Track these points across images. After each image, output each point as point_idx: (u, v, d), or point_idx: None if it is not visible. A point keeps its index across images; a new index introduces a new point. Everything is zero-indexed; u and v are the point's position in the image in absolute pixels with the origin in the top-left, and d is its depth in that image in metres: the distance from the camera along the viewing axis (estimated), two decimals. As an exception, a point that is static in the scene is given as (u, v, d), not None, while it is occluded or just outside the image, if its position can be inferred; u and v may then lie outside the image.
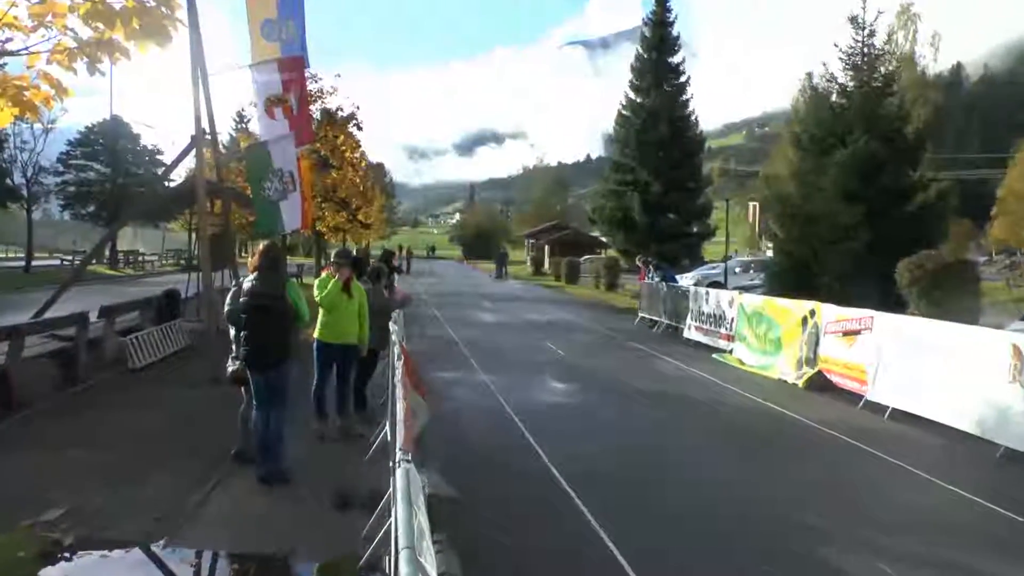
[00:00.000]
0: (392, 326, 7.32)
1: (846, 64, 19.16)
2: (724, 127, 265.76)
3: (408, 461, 3.24)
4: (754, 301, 12.78)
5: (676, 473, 6.68)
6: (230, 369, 5.98)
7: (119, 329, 10.68)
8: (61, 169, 38.81)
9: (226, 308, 5.93)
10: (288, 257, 35.64)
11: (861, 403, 9.29)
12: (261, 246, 5.96)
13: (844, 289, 15.84)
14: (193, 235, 19.94)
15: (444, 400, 8.74)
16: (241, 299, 5.81)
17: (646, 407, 9.14)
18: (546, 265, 43.14)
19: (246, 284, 5.85)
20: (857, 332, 9.74)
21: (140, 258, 37.12)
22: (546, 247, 48.24)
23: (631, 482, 6.36)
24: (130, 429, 7.28)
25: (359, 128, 23.33)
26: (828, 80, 19.54)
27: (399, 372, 5.49)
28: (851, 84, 19.15)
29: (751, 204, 61.18)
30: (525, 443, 7.32)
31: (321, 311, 7.08)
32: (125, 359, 9.99)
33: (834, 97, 19.37)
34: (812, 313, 10.81)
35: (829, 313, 10.43)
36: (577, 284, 31.89)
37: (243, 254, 34.47)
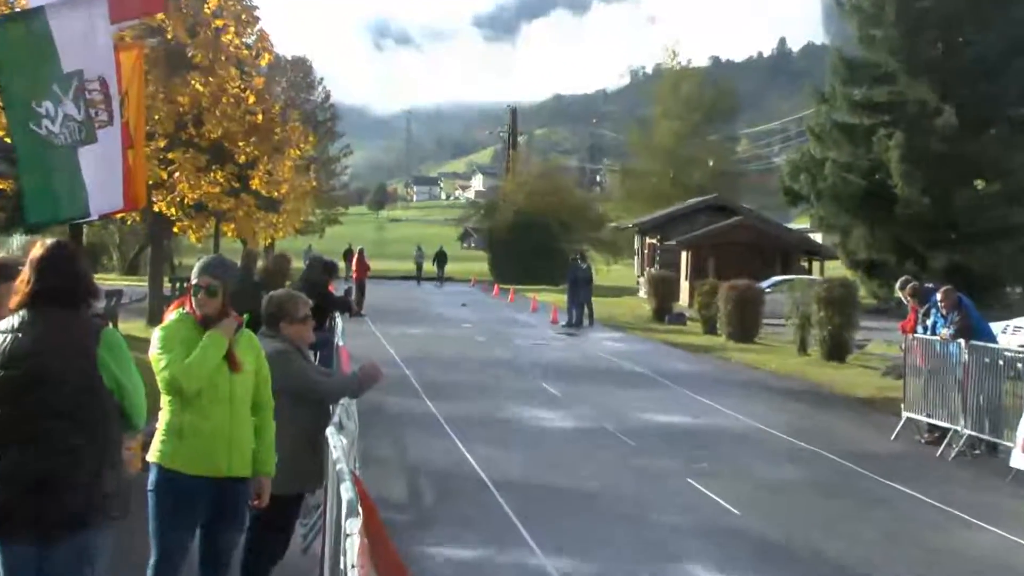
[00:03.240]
0: (333, 438, 5.69)
1: None
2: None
3: None
4: None
5: None
6: None
7: None
8: None
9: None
10: (96, 277, 30.86)
11: None
12: (34, 250, 4.40)
13: None
14: None
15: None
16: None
17: None
18: (683, 296, 36.55)
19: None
20: None
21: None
22: (686, 256, 39.86)
23: None
24: None
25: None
26: None
27: (350, 546, 3.96)
28: None
29: None
30: None
31: (166, 400, 5.34)
32: None
33: None
34: None
35: None
36: (756, 342, 25.50)
37: None
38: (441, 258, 57.63)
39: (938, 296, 12.85)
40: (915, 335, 13.19)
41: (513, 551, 7.79)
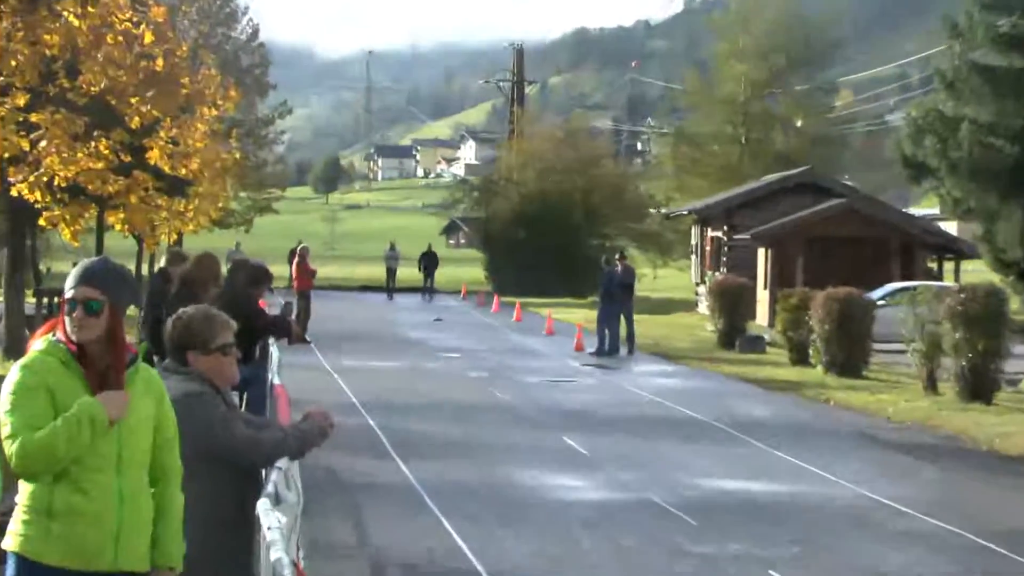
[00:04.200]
0: (267, 516, 5.77)
1: None
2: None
3: None
4: None
5: None
6: None
7: None
8: None
9: None
10: None
11: None
12: None
13: None
14: None
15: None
16: None
17: None
18: (762, 312, 37.24)
19: None
20: None
21: None
22: (765, 254, 40.91)
23: None
24: None
25: None
26: None
27: None
28: None
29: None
30: None
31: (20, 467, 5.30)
32: None
33: None
34: None
35: None
36: (865, 376, 26.02)
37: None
38: (429, 261, 57.76)
39: None
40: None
41: None
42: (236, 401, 7.34)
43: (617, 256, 33.31)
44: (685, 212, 53.52)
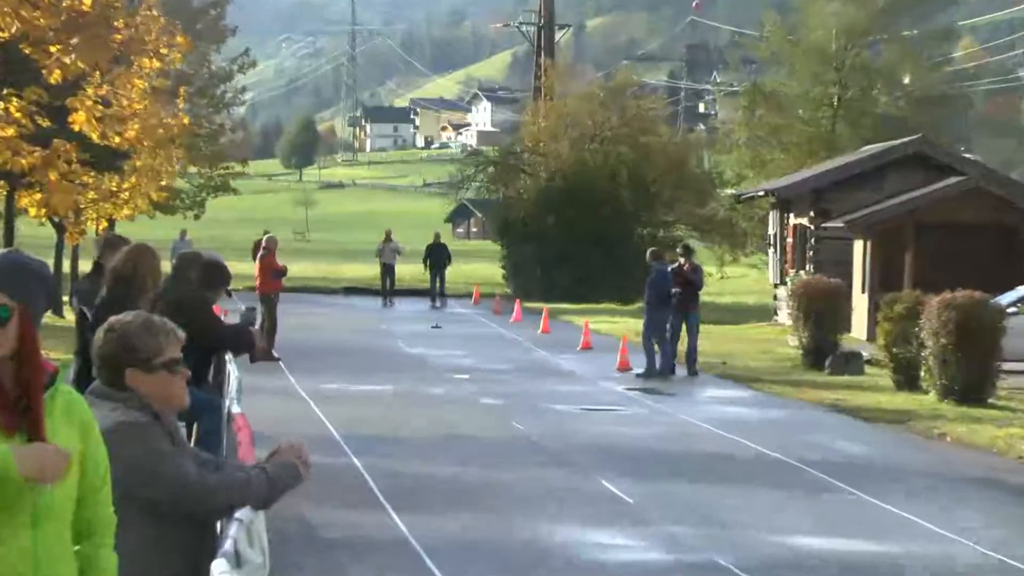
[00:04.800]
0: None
1: None
2: None
3: None
4: None
5: None
6: None
7: None
8: None
9: None
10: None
11: None
12: None
13: None
14: None
15: None
16: None
17: None
18: (859, 322, 38.20)
19: None
20: None
21: None
22: (863, 248, 40.81)
23: None
24: None
25: None
26: None
27: None
28: None
29: None
30: None
31: None
32: None
33: None
34: None
35: None
36: (992, 404, 26.33)
37: None
38: (438, 256, 56.37)
39: None
40: None
41: None
42: (184, 433, 7.36)
43: (679, 249, 33.21)
44: (761, 193, 53.38)
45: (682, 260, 31.33)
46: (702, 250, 56.08)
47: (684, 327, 30.16)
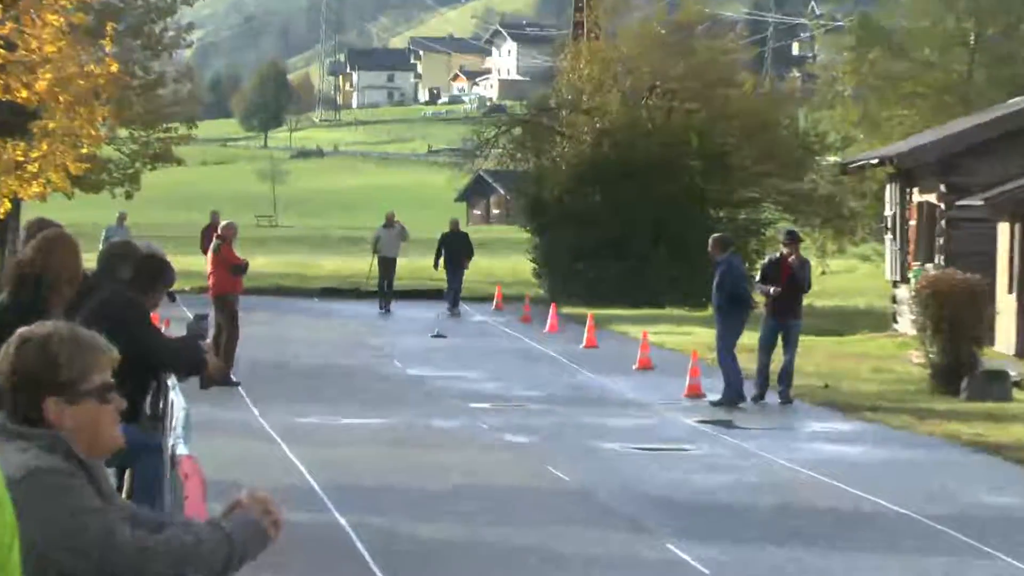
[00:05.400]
0: None
1: None
2: None
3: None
4: None
5: None
6: None
7: None
8: None
9: None
10: None
11: None
12: None
13: None
14: None
15: None
16: None
17: None
18: (1005, 330, 39.94)
19: None
20: None
21: None
22: (1010, 233, 42.60)
23: None
24: None
25: None
26: None
27: None
28: None
29: None
30: None
31: None
32: None
33: None
34: None
35: None
36: None
37: None
38: (457, 248, 55.93)
39: None
40: None
41: None
42: (115, 483, 7.35)
43: (783, 237, 33.23)
44: (874, 162, 53.48)
45: (785, 251, 31.28)
46: (807, 235, 56.27)
47: (780, 340, 30.14)
